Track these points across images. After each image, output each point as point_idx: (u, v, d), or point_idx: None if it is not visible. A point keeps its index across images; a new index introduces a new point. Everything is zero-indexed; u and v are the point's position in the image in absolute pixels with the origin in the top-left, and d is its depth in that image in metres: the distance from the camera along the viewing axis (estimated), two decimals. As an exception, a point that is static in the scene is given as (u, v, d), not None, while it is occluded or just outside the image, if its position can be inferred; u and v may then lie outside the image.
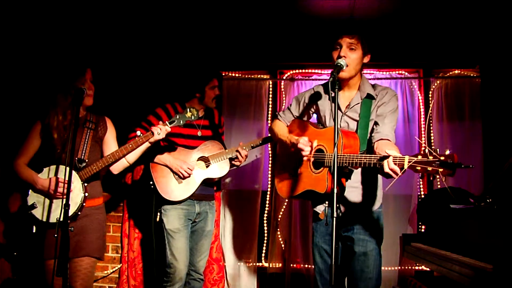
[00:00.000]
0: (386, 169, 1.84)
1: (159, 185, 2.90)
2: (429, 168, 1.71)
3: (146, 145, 2.60)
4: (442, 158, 1.69)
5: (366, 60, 2.31)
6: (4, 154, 3.14)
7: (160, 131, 2.54)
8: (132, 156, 2.64)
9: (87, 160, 2.53)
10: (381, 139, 2.14)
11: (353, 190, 2.30)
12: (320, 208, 2.37)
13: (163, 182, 2.90)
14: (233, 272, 3.75)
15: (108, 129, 2.69)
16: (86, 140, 2.57)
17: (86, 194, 2.48)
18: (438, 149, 1.73)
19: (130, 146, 2.53)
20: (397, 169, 1.81)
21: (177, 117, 2.61)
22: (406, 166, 1.77)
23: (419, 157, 1.74)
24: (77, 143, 2.52)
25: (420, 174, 1.77)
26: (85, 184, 2.50)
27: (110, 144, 2.67)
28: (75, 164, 2.48)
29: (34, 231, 2.44)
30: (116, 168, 2.68)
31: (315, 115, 2.54)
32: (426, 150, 1.74)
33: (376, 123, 2.25)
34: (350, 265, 2.31)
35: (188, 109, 2.62)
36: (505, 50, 3.59)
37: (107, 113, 2.81)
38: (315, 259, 2.39)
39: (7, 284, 3.30)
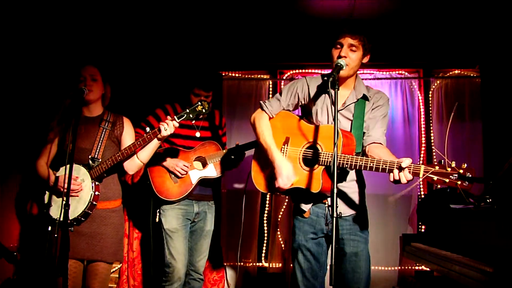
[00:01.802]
0: (403, 180, 1.82)
1: (155, 184, 2.91)
2: (446, 180, 1.72)
3: (156, 142, 2.57)
4: (461, 171, 1.70)
5: (365, 60, 2.26)
6: (25, 161, 3.19)
7: (168, 126, 2.47)
8: (145, 155, 2.61)
9: (100, 159, 2.53)
10: (373, 143, 2.13)
11: (343, 190, 2.24)
12: (306, 206, 2.27)
13: (159, 182, 2.91)
14: (233, 272, 3.76)
15: (125, 129, 2.67)
16: (101, 139, 2.56)
17: (97, 193, 2.47)
18: (454, 162, 1.74)
19: (138, 143, 2.50)
20: (410, 177, 1.81)
21: (187, 111, 2.50)
22: (421, 176, 1.76)
23: (437, 167, 1.74)
24: (91, 142, 2.54)
25: (435, 185, 1.80)
26: (96, 183, 2.49)
27: (127, 144, 2.63)
28: (88, 163, 2.50)
29: (49, 229, 2.42)
30: (130, 168, 2.65)
31: (300, 108, 2.42)
32: (443, 162, 1.74)
33: (367, 127, 2.22)
34: (340, 266, 2.24)
35: (199, 102, 2.52)
36: (505, 50, 3.59)
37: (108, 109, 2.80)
38: (297, 259, 2.27)
39: (7, 284, 3.30)
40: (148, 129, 2.53)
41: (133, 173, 2.72)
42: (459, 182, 1.71)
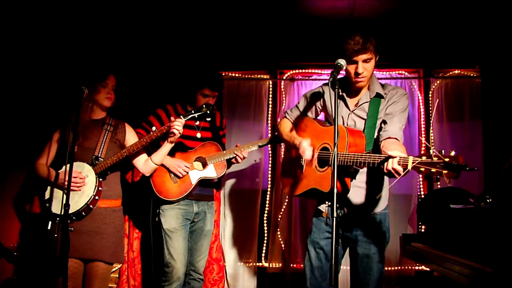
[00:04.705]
0: (389, 167, 1.82)
1: (154, 184, 2.91)
2: (433, 170, 1.69)
3: (169, 146, 2.67)
4: (446, 159, 1.66)
5: (376, 59, 2.27)
6: (26, 159, 3.23)
7: (179, 127, 2.56)
8: (158, 158, 2.70)
9: (102, 158, 2.59)
10: (389, 138, 2.09)
11: (358, 190, 2.25)
12: (323, 207, 2.32)
13: (159, 182, 2.92)
14: (233, 272, 3.76)
15: (127, 133, 2.74)
16: (104, 140, 2.64)
17: (100, 188, 2.53)
18: (443, 151, 1.70)
19: (144, 140, 2.59)
20: (399, 169, 1.79)
21: (192, 112, 2.64)
22: (410, 167, 1.74)
23: (423, 158, 1.72)
24: (94, 142, 2.62)
25: (423, 175, 1.74)
26: (100, 179, 2.55)
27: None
28: (91, 161, 2.57)
29: (49, 227, 2.47)
30: (146, 170, 2.76)
31: (323, 113, 2.51)
32: (431, 151, 1.71)
33: (384, 122, 2.20)
34: (352, 267, 2.29)
35: (204, 105, 2.66)
36: (505, 50, 3.59)
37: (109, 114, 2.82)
38: (309, 255, 2.32)
39: (7, 284, 3.30)
40: (154, 128, 2.62)
41: (148, 175, 2.81)
42: (445, 171, 1.66)
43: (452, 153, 1.68)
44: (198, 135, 3.06)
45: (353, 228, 2.27)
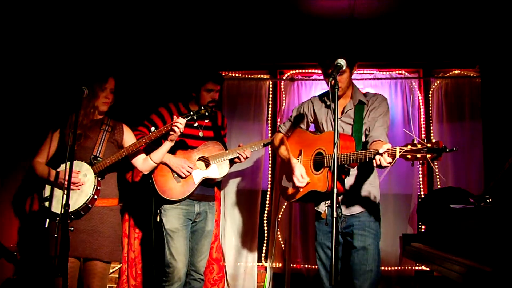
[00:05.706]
0: (384, 163, 2.03)
1: (157, 183, 2.91)
2: (418, 155, 1.90)
3: (169, 144, 2.68)
4: (429, 145, 1.88)
5: (355, 70, 2.49)
6: (26, 158, 3.24)
7: (180, 125, 2.58)
8: (157, 156, 2.73)
9: (101, 158, 2.61)
10: (374, 141, 2.32)
11: (352, 188, 2.44)
12: (322, 208, 2.51)
13: (161, 181, 2.91)
14: (233, 272, 3.75)
15: (125, 134, 2.77)
16: (102, 140, 2.67)
17: (98, 188, 2.55)
18: (425, 139, 1.91)
19: (144, 140, 2.62)
20: (389, 160, 2.01)
21: (191, 113, 2.67)
22: (397, 155, 1.95)
23: (409, 146, 1.93)
24: (93, 142, 2.65)
25: (411, 162, 1.97)
26: (99, 178, 2.58)
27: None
28: (90, 160, 2.59)
29: (46, 225, 2.49)
30: (144, 169, 2.78)
31: (313, 124, 2.72)
32: (415, 141, 1.93)
33: (368, 129, 2.43)
34: (349, 259, 2.43)
35: (203, 107, 2.70)
36: (505, 50, 3.59)
37: (110, 113, 2.83)
38: (319, 256, 2.55)
39: (7, 284, 3.30)
40: (153, 128, 2.63)
41: (147, 173, 2.83)
42: (428, 155, 1.88)
43: (433, 140, 1.90)
44: (200, 134, 3.06)
45: (349, 223, 2.45)
